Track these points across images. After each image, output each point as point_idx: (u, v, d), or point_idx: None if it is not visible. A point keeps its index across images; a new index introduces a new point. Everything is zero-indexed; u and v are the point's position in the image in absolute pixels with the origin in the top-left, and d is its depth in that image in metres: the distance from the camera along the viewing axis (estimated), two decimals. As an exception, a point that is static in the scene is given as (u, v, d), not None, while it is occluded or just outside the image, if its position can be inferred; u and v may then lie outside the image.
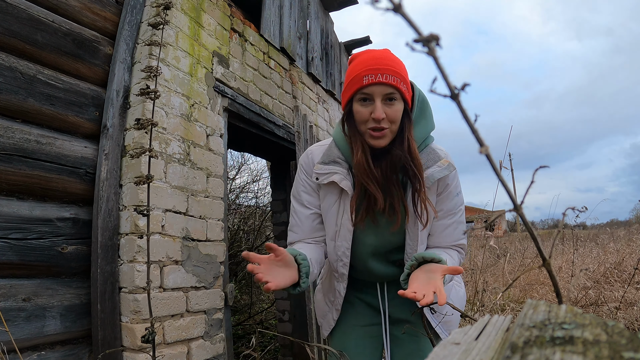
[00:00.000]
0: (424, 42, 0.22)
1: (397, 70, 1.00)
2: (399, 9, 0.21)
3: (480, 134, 0.25)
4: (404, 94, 1.01)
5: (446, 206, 1.13)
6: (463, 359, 0.28)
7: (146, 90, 1.19)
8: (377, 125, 1.00)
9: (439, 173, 1.07)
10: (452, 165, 1.09)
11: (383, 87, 0.99)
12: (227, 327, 2.05)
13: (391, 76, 0.99)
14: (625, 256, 4.38)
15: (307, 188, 1.19)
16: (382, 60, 1.00)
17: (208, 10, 2.20)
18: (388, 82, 0.98)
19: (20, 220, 1.39)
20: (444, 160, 1.09)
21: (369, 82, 0.99)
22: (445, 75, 0.23)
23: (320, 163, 1.14)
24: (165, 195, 1.76)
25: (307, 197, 1.19)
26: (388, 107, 1.01)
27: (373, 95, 1.00)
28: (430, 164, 1.09)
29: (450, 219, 1.14)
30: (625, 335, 0.23)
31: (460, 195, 1.16)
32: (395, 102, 1.01)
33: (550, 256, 0.34)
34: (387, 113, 1.00)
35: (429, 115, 1.13)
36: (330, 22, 3.95)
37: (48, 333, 1.41)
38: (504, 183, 0.29)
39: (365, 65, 1.01)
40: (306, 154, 1.21)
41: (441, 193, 1.12)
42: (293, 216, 1.22)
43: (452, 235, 1.14)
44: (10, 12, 1.42)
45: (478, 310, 2.88)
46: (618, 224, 17.95)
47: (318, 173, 1.13)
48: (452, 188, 1.13)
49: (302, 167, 1.21)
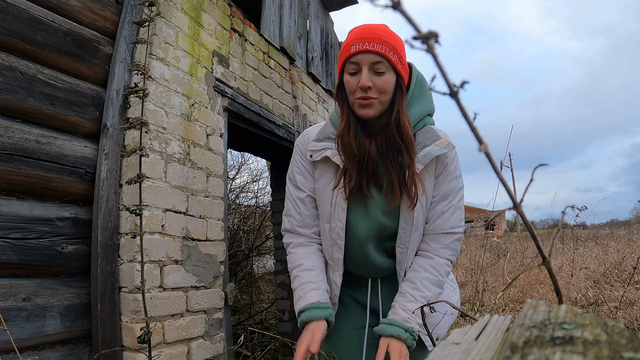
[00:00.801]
0: (422, 40, 0.22)
1: (387, 40, 0.97)
2: (398, 5, 0.21)
3: (479, 132, 0.25)
4: (394, 65, 0.98)
5: (443, 189, 1.09)
6: (463, 359, 0.28)
7: (134, 89, 1.19)
8: (364, 94, 0.98)
9: (437, 151, 1.04)
10: (452, 144, 1.06)
11: (370, 55, 0.97)
12: (227, 326, 2.05)
13: (379, 44, 0.96)
14: (625, 256, 4.38)
15: (302, 169, 1.17)
16: (373, 31, 0.98)
17: (208, 10, 2.20)
18: (375, 50, 0.96)
19: (20, 219, 1.39)
20: (443, 139, 1.06)
21: (356, 51, 0.97)
22: (444, 72, 0.23)
23: (315, 140, 1.13)
24: (165, 195, 1.76)
25: (301, 179, 1.17)
26: (376, 76, 0.98)
27: (360, 64, 0.98)
28: (428, 142, 1.06)
29: (447, 203, 1.09)
30: (625, 335, 0.23)
31: (460, 179, 1.12)
32: (384, 73, 0.98)
33: (550, 255, 0.34)
34: (375, 82, 0.98)
35: (428, 96, 1.11)
36: (330, 21, 3.95)
37: (48, 333, 1.41)
38: (503, 181, 0.28)
39: (355, 35, 0.99)
40: (302, 135, 1.20)
41: (439, 175, 1.09)
42: (288, 200, 1.20)
43: (448, 222, 1.09)
44: (10, 12, 1.42)
45: (478, 310, 2.88)
46: (618, 223, 17.94)
47: (312, 150, 1.12)
48: (452, 169, 1.09)
49: (297, 147, 1.20)
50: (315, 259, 1.14)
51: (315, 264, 1.13)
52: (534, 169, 0.33)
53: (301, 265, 1.12)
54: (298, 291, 1.08)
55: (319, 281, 1.09)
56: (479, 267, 3.87)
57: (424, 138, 1.07)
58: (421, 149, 1.05)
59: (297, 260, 1.13)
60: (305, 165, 1.17)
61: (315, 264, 1.13)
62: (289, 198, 1.20)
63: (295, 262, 1.13)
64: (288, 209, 1.20)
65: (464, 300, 3.82)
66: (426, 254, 1.10)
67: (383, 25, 1.03)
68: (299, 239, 1.17)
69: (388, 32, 1.00)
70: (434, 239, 1.10)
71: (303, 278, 1.09)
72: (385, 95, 1.00)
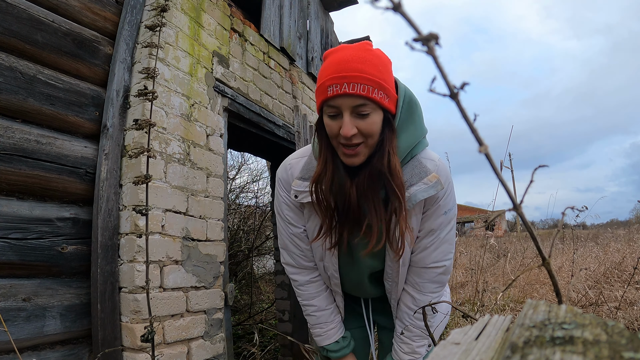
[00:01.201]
0: (423, 41, 0.22)
1: (369, 74, 0.83)
2: (399, 7, 0.21)
3: (480, 133, 0.25)
4: (380, 103, 0.85)
5: (429, 225, 1.00)
6: (463, 359, 0.28)
7: (144, 91, 1.19)
8: (348, 142, 0.86)
9: (423, 193, 0.93)
10: (441, 183, 0.94)
11: (351, 99, 0.83)
12: (227, 327, 2.05)
13: (360, 84, 0.82)
14: (625, 255, 4.39)
15: (290, 206, 1.07)
16: (350, 64, 0.83)
17: (208, 10, 2.20)
18: (356, 93, 0.82)
19: (20, 220, 1.39)
20: (432, 175, 0.94)
21: (334, 94, 0.84)
22: (444, 74, 0.23)
23: (299, 179, 1.01)
24: (165, 195, 1.76)
25: (292, 215, 1.08)
26: (360, 119, 0.85)
27: (340, 109, 0.85)
28: (414, 180, 0.94)
29: (432, 238, 1.01)
30: (625, 335, 0.23)
31: (451, 212, 1.01)
32: (370, 115, 0.85)
33: (549, 255, 0.34)
34: (359, 127, 0.85)
35: (417, 119, 0.96)
36: (330, 22, 3.95)
37: (48, 333, 1.41)
38: (504, 182, 0.29)
39: (331, 71, 0.85)
40: (285, 168, 1.08)
41: (428, 210, 0.99)
42: (282, 234, 1.12)
43: (431, 257, 1.02)
44: (10, 12, 1.42)
45: (478, 310, 2.88)
46: (618, 224, 17.96)
47: (297, 190, 1.00)
48: (441, 204, 0.98)
49: (280, 182, 1.08)
50: (325, 296, 1.16)
51: (327, 302, 1.15)
52: (533, 170, 0.33)
53: (315, 306, 1.15)
54: (316, 328, 1.15)
55: (333, 320, 1.15)
56: (479, 267, 3.88)
57: (410, 175, 0.95)
58: (407, 188, 0.93)
59: (309, 300, 1.15)
60: (293, 202, 1.06)
61: (328, 302, 1.16)
62: (283, 233, 1.11)
63: (308, 301, 1.15)
64: (285, 243, 1.12)
65: (464, 300, 3.82)
66: (411, 289, 1.08)
67: (362, 48, 0.87)
68: (305, 275, 1.14)
69: (370, 60, 0.85)
70: (417, 273, 1.06)
71: (320, 319, 1.14)
72: (372, 139, 0.88)
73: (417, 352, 1.08)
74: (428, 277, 1.05)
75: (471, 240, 9.65)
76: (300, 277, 1.14)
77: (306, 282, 1.14)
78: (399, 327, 1.11)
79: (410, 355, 1.08)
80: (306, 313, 1.17)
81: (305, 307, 1.16)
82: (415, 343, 1.07)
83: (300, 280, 1.14)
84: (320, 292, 1.15)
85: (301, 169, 1.03)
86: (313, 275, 1.14)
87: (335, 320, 1.16)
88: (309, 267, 1.13)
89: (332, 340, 1.14)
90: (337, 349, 1.13)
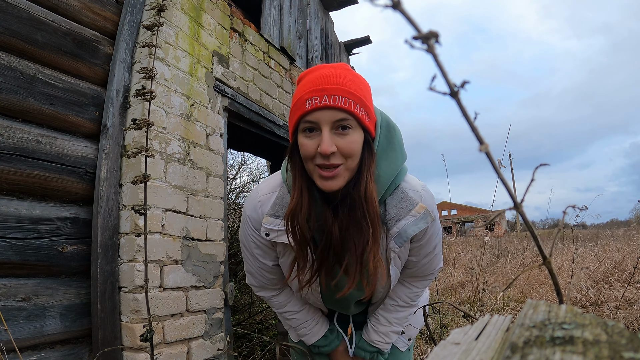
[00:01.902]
0: (423, 39, 0.22)
1: (350, 89, 0.78)
2: (398, 5, 0.21)
3: (480, 132, 0.25)
4: (361, 120, 0.79)
5: (425, 251, 0.99)
6: (463, 359, 0.28)
7: (142, 91, 1.19)
8: (326, 162, 0.78)
9: (412, 227, 0.87)
10: (430, 214, 0.89)
11: (332, 113, 0.77)
12: (227, 326, 2.05)
13: (342, 97, 0.76)
14: (625, 255, 4.39)
15: (259, 244, 0.99)
16: (331, 78, 0.78)
17: (208, 10, 2.20)
18: (337, 106, 0.76)
19: (20, 219, 1.39)
20: (420, 206, 0.88)
21: (313, 107, 0.77)
22: (444, 72, 0.23)
23: (270, 215, 0.92)
24: (165, 195, 1.76)
25: (261, 253, 1.01)
26: (340, 137, 0.78)
27: (319, 124, 0.78)
28: (402, 214, 0.88)
29: (424, 257, 1.01)
30: (625, 335, 0.23)
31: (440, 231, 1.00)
32: (350, 131, 0.79)
33: (550, 255, 0.34)
34: (339, 145, 0.78)
35: (397, 145, 0.90)
36: (330, 21, 3.95)
37: (48, 332, 1.41)
38: (504, 181, 0.28)
39: (310, 85, 0.79)
40: (254, 206, 0.97)
41: (420, 240, 0.96)
42: (250, 265, 1.05)
43: (423, 269, 1.04)
44: (10, 12, 1.42)
45: (478, 310, 2.88)
46: (618, 223, 17.96)
47: (268, 228, 0.92)
48: (433, 232, 0.95)
49: (248, 221, 0.98)
50: (296, 301, 1.14)
51: (300, 304, 1.14)
52: (534, 169, 0.33)
53: (290, 311, 1.13)
54: (300, 329, 1.14)
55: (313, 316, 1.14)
56: (479, 267, 3.88)
57: (396, 209, 0.88)
58: (395, 223, 0.88)
59: (283, 308, 1.14)
60: (263, 241, 0.97)
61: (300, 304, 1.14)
62: (249, 263, 1.05)
63: (282, 308, 1.14)
64: (250, 271, 1.07)
65: (464, 299, 3.82)
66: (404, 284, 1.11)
67: (342, 67, 0.83)
68: (270, 292, 1.12)
69: (349, 77, 0.80)
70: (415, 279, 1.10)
71: (300, 320, 1.13)
72: (353, 160, 0.80)
73: (389, 335, 1.11)
74: (422, 280, 1.10)
75: (471, 240, 9.65)
76: (265, 293, 1.12)
77: (273, 296, 1.13)
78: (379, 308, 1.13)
79: (381, 336, 1.10)
80: (285, 319, 1.16)
81: (281, 314, 1.15)
82: (392, 327, 1.10)
83: (267, 296, 1.13)
84: (290, 297, 1.13)
85: (272, 205, 0.93)
86: (278, 291, 1.13)
87: (315, 317, 1.14)
88: (276, 288, 1.12)
89: (318, 336, 1.14)
90: (327, 343, 1.14)
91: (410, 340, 1.21)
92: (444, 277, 5.30)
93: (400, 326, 1.11)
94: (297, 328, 1.15)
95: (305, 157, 0.82)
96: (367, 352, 1.12)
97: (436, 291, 3.46)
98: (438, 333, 2.64)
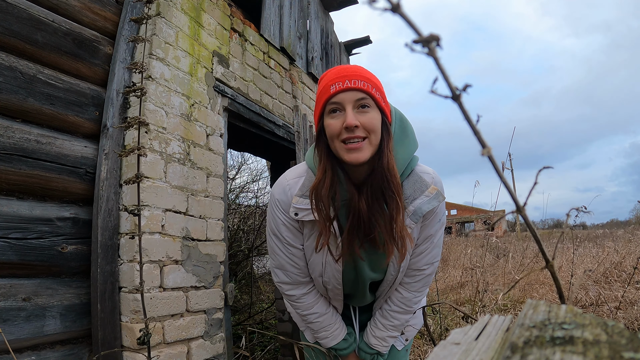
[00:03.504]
0: (424, 43, 0.22)
1: (368, 77, 0.92)
2: (398, 9, 0.21)
3: (481, 134, 0.25)
4: (378, 102, 0.92)
5: (427, 232, 1.05)
6: (463, 359, 0.28)
7: (132, 88, 1.18)
8: (352, 134, 0.89)
9: (427, 205, 0.96)
10: (441, 194, 0.98)
11: (353, 93, 0.90)
12: (227, 327, 2.05)
13: (360, 81, 0.90)
14: (625, 256, 4.39)
15: (289, 227, 1.06)
16: (349, 68, 0.93)
17: (208, 10, 2.20)
18: (358, 87, 0.89)
19: (20, 219, 1.39)
20: (432, 188, 0.98)
21: (337, 90, 0.90)
22: (446, 76, 0.23)
23: (299, 196, 1.00)
24: (165, 195, 1.76)
25: (290, 236, 1.07)
26: (361, 114, 0.90)
27: (343, 104, 0.90)
28: (417, 194, 0.97)
29: (428, 244, 1.06)
30: (625, 335, 0.23)
31: (444, 217, 1.08)
32: (370, 110, 0.91)
33: (553, 258, 0.34)
34: (361, 121, 0.89)
35: (410, 134, 1.01)
36: (330, 21, 3.95)
37: (48, 333, 1.41)
38: (507, 185, 0.29)
39: (332, 76, 0.93)
40: (283, 189, 1.05)
41: (427, 219, 1.03)
42: (279, 255, 1.10)
43: (423, 260, 1.08)
44: (10, 12, 1.42)
45: (478, 310, 2.88)
46: (618, 224, 17.96)
47: (297, 208, 0.99)
48: (438, 213, 1.03)
49: (277, 203, 1.06)
50: (323, 302, 1.18)
51: (326, 306, 1.18)
52: (537, 172, 0.33)
53: (316, 313, 1.16)
54: (322, 332, 1.18)
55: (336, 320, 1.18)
56: (479, 267, 3.88)
57: (412, 189, 0.98)
58: (411, 202, 0.97)
59: (309, 310, 1.17)
60: (292, 223, 1.05)
61: (326, 305, 1.18)
62: (280, 254, 1.10)
63: (308, 310, 1.17)
64: (281, 264, 1.12)
65: (464, 300, 3.82)
66: (400, 287, 1.13)
67: (359, 66, 0.98)
68: (301, 289, 1.15)
69: (368, 72, 0.95)
70: (408, 274, 1.11)
71: (324, 323, 1.17)
72: (375, 135, 0.91)
73: (386, 340, 1.16)
74: (417, 278, 1.11)
75: (471, 240, 9.65)
76: (296, 291, 1.15)
77: (303, 295, 1.15)
78: (377, 313, 1.18)
79: (378, 340, 1.15)
80: (308, 321, 1.18)
81: (305, 317, 1.18)
82: (388, 332, 1.15)
83: (298, 294, 1.16)
84: (318, 298, 1.17)
85: (300, 187, 1.02)
86: (309, 287, 1.16)
87: (337, 320, 1.19)
88: (304, 282, 1.15)
89: (339, 339, 1.17)
90: (346, 347, 1.18)
91: (408, 341, 1.25)
92: (443, 277, 5.30)
93: (397, 332, 1.16)
94: (318, 331, 1.17)
95: (331, 135, 0.92)
96: (367, 354, 1.17)
97: (436, 291, 3.46)
98: (438, 334, 2.64)
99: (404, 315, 1.14)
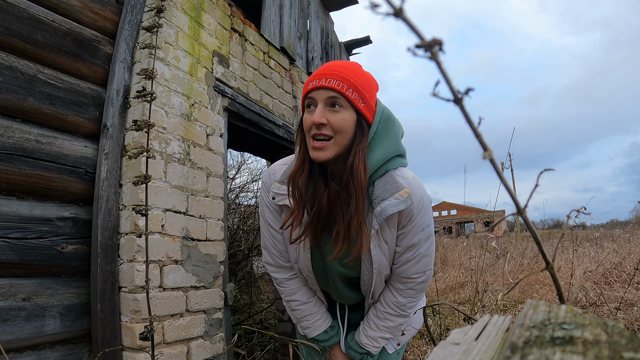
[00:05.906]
0: (426, 48, 0.22)
1: (346, 76, 0.92)
2: (400, 13, 0.21)
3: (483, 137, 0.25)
4: (353, 102, 0.92)
5: (408, 241, 1.03)
6: (463, 359, 0.29)
7: (142, 92, 1.19)
8: (318, 131, 0.92)
9: (393, 207, 0.95)
10: (411, 198, 0.96)
11: (325, 91, 0.92)
12: (226, 326, 2.05)
13: (335, 80, 0.91)
14: (624, 256, 4.39)
15: (271, 209, 1.12)
16: (333, 67, 0.94)
17: (208, 9, 2.20)
18: (330, 86, 0.91)
19: (20, 219, 1.39)
20: (404, 191, 0.96)
21: (313, 87, 0.94)
22: (448, 79, 0.23)
23: (278, 182, 1.06)
24: (165, 195, 1.76)
25: (272, 218, 1.13)
26: (332, 113, 0.92)
27: (316, 100, 0.94)
28: (386, 195, 0.96)
29: (413, 253, 1.04)
30: (625, 335, 0.23)
31: (429, 228, 1.05)
32: (340, 109, 0.92)
33: (553, 259, 0.34)
34: (329, 120, 0.91)
35: (393, 136, 1.01)
36: (330, 21, 3.95)
37: (48, 332, 1.41)
38: (508, 187, 0.29)
39: (316, 72, 0.96)
40: (269, 173, 1.14)
41: (404, 227, 1.02)
42: (264, 236, 1.17)
43: (412, 269, 1.06)
44: (10, 12, 1.42)
45: (478, 311, 2.88)
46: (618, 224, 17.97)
47: (275, 192, 1.06)
48: (417, 221, 1.01)
49: (264, 185, 1.14)
50: (306, 290, 1.20)
51: (309, 295, 1.20)
52: (539, 174, 0.33)
53: (297, 300, 1.19)
54: (303, 321, 1.20)
55: (318, 311, 1.21)
56: (479, 267, 3.88)
57: (382, 190, 0.97)
58: (379, 202, 0.97)
59: (291, 296, 1.20)
60: (273, 206, 1.11)
61: (309, 295, 1.20)
62: (265, 235, 1.17)
63: (290, 296, 1.20)
64: (266, 244, 1.18)
65: (463, 300, 3.82)
66: (393, 290, 1.13)
67: (352, 63, 0.98)
68: (284, 273, 1.19)
69: (351, 68, 0.95)
70: (400, 281, 1.11)
71: (305, 312, 1.19)
72: (342, 136, 0.93)
73: (378, 340, 1.15)
74: (410, 285, 1.11)
75: (471, 241, 9.65)
76: (279, 275, 1.19)
77: (286, 280, 1.19)
78: (370, 312, 1.18)
79: (370, 340, 1.15)
80: (291, 309, 1.22)
81: (289, 303, 1.22)
82: (381, 333, 1.15)
83: (280, 278, 1.20)
84: (301, 286, 1.20)
85: (282, 174, 1.08)
86: (292, 273, 1.19)
87: (320, 312, 1.20)
88: (286, 267, 1.19)
89: (320, 330, 1.19)
90: (327, 339, 1.20)
91: (399, 346, 1.24)
92: (443, 277, 5.30)
93: (389, 334, 1.15)
94: (300, 319, 1.20)
95: (305, 129, 0.97)
96: (357, 353, 1.17)
97: (436, 291, 3.46)
98: (438, 334, 2.65)
99: (398, 318, 1.14)
